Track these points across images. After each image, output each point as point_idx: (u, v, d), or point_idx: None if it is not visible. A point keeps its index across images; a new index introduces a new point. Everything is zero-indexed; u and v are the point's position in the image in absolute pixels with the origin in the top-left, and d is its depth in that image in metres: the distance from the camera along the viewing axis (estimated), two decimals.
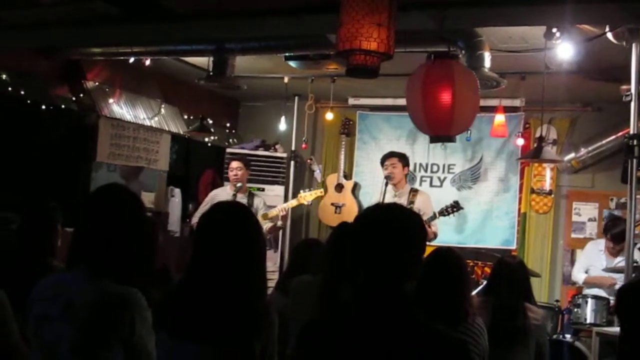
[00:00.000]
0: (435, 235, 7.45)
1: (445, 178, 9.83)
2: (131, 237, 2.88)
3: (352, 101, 10.06)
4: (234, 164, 8.18)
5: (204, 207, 7.93)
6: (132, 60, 7.95)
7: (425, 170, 9.91)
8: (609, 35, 5.44)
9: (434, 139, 4.89)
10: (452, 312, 3.81)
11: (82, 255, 2.85)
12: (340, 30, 4.09)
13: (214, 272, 2.89)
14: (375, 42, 3.98)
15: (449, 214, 7.68)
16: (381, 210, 2.63)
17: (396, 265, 2.37)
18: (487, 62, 5.87)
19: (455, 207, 7.67)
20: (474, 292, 5.17)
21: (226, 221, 3.02)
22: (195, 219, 8.04)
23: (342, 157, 9.99)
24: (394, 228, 2.41)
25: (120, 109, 8.58)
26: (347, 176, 9.95)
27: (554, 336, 6.65)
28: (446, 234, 8.99)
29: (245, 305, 2.86)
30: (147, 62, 8.16)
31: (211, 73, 7.15)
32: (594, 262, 7.71)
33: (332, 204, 9.69)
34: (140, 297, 2.75)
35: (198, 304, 2.88)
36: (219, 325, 2.83)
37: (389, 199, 7.58)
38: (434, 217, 7.52)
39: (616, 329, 5.34)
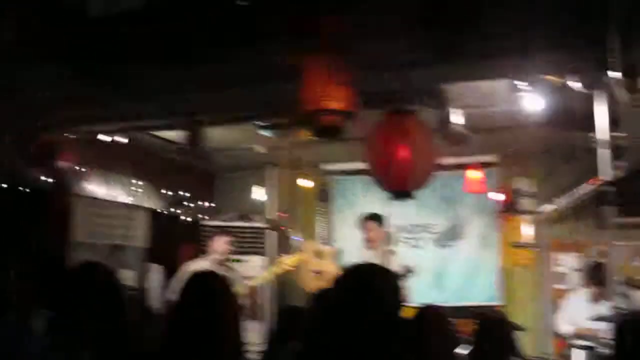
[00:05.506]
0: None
1: (425, 238, 9.81)
2: (112, 314, 2.84)
3: (327, 167, 10.08)
4: (225, 239, 8.16)
5: (178, 281, 7.85)
6: (105, 138, 7.95)
7: (406, 231, 9.89)
8: (572, 84, 5.49)
9: (392, 195, 4.88)
10: None
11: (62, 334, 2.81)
12: (302, 92, 4.12)
13: (191, 345, 2.84)
14: (336, 101, 4.01)
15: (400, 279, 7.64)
16: (354, 274, 2.59)
17: (376, 326, 2.33)
18: (457, 118, 5.90)
19: (406, 271, 7.65)
20: (463, 351, 5.12)
21: (200, 292, 2.99)
22: (170, 294, 7.95)
23: (320, 223, 9.96)
24: (368, 290, 2.38)
25: (94, 187, 8.53)
26: (326, 242, 9.91)
27: None
28: (429, 293, 8.94)
29: None
30: (122, 140, 8.15)
31: (183, 146, 7.14)
32: (578, 312, 7.68)
33: (313, 271, 9.61)
34: None
35: None
36: None
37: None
38: None
39: None
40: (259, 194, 9.99)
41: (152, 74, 5.71)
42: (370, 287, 2.42)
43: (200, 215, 10.40)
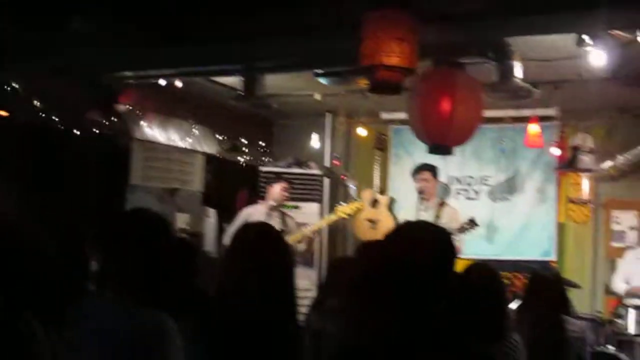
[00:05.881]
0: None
1: (480, 190, 9.74)
2: (160, 260, 2.87)
3: (384, 115, 9.98)
4: (283, 186, 8.25)
5: (235, 226, 7.93)
6: (163, 82, 8.00)
7: (460, 183, 9.83)
8: None
9: (432, 149, 4.83)
10: (489, 329, 3.73)
11: (111, 280, 2.85)
12: (362, 46, 4.07)
13: (243, 294, 2.88)
14: (397, 57, 3.95)
15: (464, 231, 7.61)
16: (406, 231, 2.57)
17: (424, 286, 2.32)
18: (519, 72, 5.80)
19: (471, 225, 7.61)
20: (513, 306, 5.10)
21: (254, 242, 3.01)
22: (226, 239, 8.05)
23: (377, 172, 9.92)
24: (419, 249, 2.36)
25: (152, 131, 8.63)
26: (382, 191, 9.89)
27: (597, 348, 6.53)
28: (481, 246, 8.94)
29: (276, 328, 2.84)
30: (179, 84, 8.20)
31: (242, 93, 7.15)
32: (635, 271, 7.59)
33: (368, 220, 9.62)
34: (172, 324, 2.73)
35: (231, 326, 2.86)
36: (252, 348, 2.81)
37: (417, 212, 7.60)
38: None
39: None
40: (316, 141, 10.00)
41: (212, 20, 5.70)
42: (419, 244, 2.40)
43: (257, 161, 10.46)
